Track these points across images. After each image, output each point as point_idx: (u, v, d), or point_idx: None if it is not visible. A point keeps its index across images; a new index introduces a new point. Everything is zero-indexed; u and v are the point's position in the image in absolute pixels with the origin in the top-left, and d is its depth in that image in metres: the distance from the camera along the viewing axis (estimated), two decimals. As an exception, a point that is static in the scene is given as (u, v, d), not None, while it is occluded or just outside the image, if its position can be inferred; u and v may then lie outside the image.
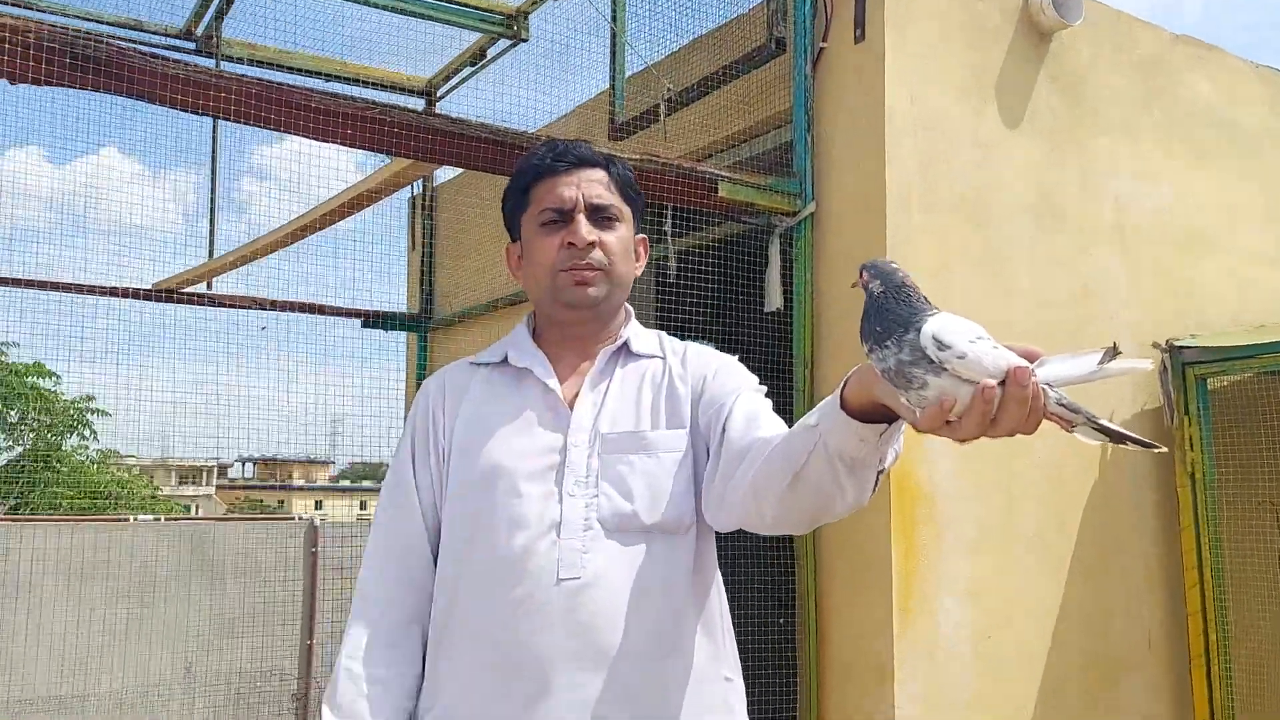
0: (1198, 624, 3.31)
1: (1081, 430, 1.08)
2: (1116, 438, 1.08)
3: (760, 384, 1.60)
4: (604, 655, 1.41)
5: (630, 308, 1.66)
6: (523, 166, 1.61)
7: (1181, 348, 3.39)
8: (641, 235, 1.66)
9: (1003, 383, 1.05)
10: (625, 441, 1.50)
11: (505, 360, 1.61)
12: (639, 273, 1.65)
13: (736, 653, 1.59)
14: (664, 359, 1.60)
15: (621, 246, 1.57)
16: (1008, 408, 1.05)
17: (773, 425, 1.45)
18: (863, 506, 1.32)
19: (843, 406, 1.21)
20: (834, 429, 1.22)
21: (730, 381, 1.55)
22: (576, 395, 1.54)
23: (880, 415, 1.19)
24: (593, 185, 1.55)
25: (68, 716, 6.29)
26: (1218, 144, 3.85)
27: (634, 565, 1.45)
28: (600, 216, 1.55)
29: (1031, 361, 1.07)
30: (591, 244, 1.53)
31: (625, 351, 1.60)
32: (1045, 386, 1.06)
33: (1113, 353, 1.03)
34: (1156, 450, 1.08)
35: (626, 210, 1.59)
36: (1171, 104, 3.74)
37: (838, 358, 3.10)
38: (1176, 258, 3.66)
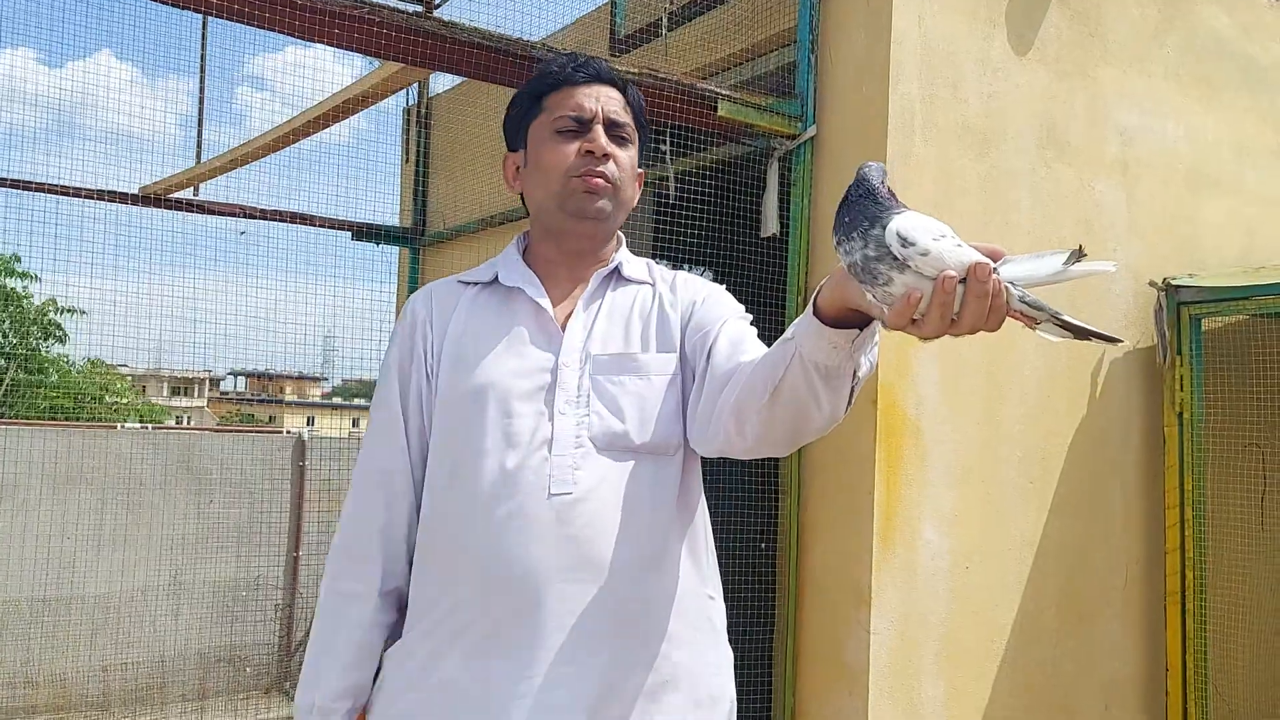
0: (1175, 562, 3.33)
1: (1045, 328, 1.09)
2: (1079, 333, 1.09)
3: (747, 313, 1.60)
4: (593, 569, 1.41)
5: (621, 235, 1.65)
6: (540, 74, 1.59)
7: (1178, 286, 3.36)
8: (641, 170, 1.65)
9: (964, 280, 1.05)
10: (616, 363, 1.50)
11: (495, 280, 1.60)
12: (634, 202, 1.64)
13: (718, 574, 1.61)
14: (653, 285, 1.61)
15: (631, 166, 1.57)
16: (969, 303, 1.06)
17: (756, 350, 1.45)
18: (838, 422, 1.33)
19: (816, 314, 1.21)
20: (808, 337, 1.23)
21: (717, 309, 1.56)
22: (569, 316, 1.54)
23: (853, 320, 1.20)
24: (610, 101, 1.56)
25: (53, 619, 6.35)
26: (1231, 80, 3.76)
27: (624, 483, 1.46)
28: (615, 134, 1.55)
29: (995, 260, 1.08)
30: (607, 155, 1.52)
31: (617, 275, 1.60)
32: (1009, 285, 1.07)
33: (1077, 255, 1.03)
34: (1118, 343, 1.09)
35: (637, 135, 1.60)
36: (1186, 36, 3.65)
37: (831, 285, 3.06)
38: (1181, 195, 3.60)
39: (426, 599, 1.49)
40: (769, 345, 1.45)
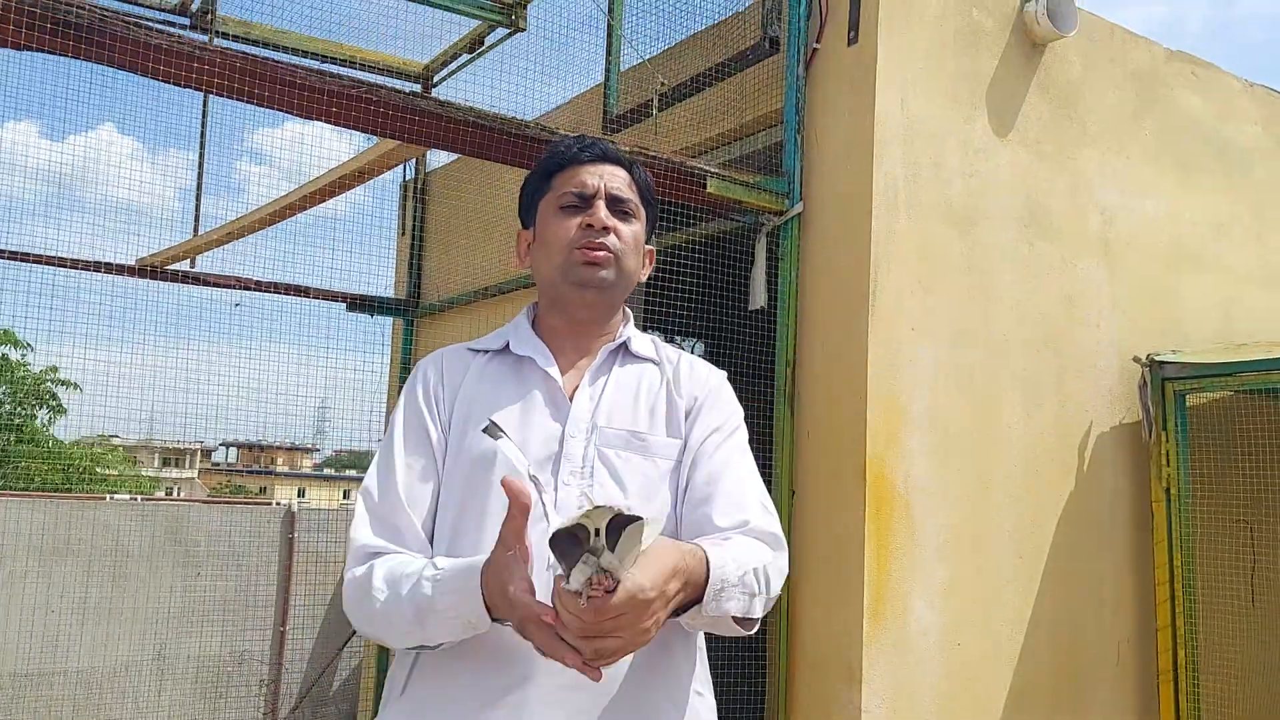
0: (1167, 639, 3.31)
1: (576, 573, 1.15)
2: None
3: (739, 407, 1.63)
4: None
5: (629, 310, 1.68)
6: (549, 153, 1.64)
7: (1162, 363, 3.39)
8: (650, 246, 1.69)
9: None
10: (622, 438, 1.51)
11: (505, 348, 1.62)
12: (643, 279, 1.67)
13: (708, 669, 1.60)
14: (659, 364, 1.63)
15: (634, 240, 1.60)
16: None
17: (723, 506, 1.48)
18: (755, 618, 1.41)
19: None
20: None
21: (713, 417, 1.58)
22: (576, 388, 1.55)
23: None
24: (614, 179, 1.60)
25: (35, 694, 6.24)
26: (1208, 161, 3.86)
27: None
28: (618, 209, 1.59)
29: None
30: (607, 229, 1.56)
31: (624, 351, 1.62)
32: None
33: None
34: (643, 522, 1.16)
35: (642, 212, 1.63)
36: (1163, 119, 3.75)
37: (820, 357, 3.10)
38: (1162, 273, 3.66)
39: (414, 668, 1.47)
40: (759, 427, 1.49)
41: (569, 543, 1.13)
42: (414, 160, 5.40)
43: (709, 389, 1.62)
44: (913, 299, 3.04)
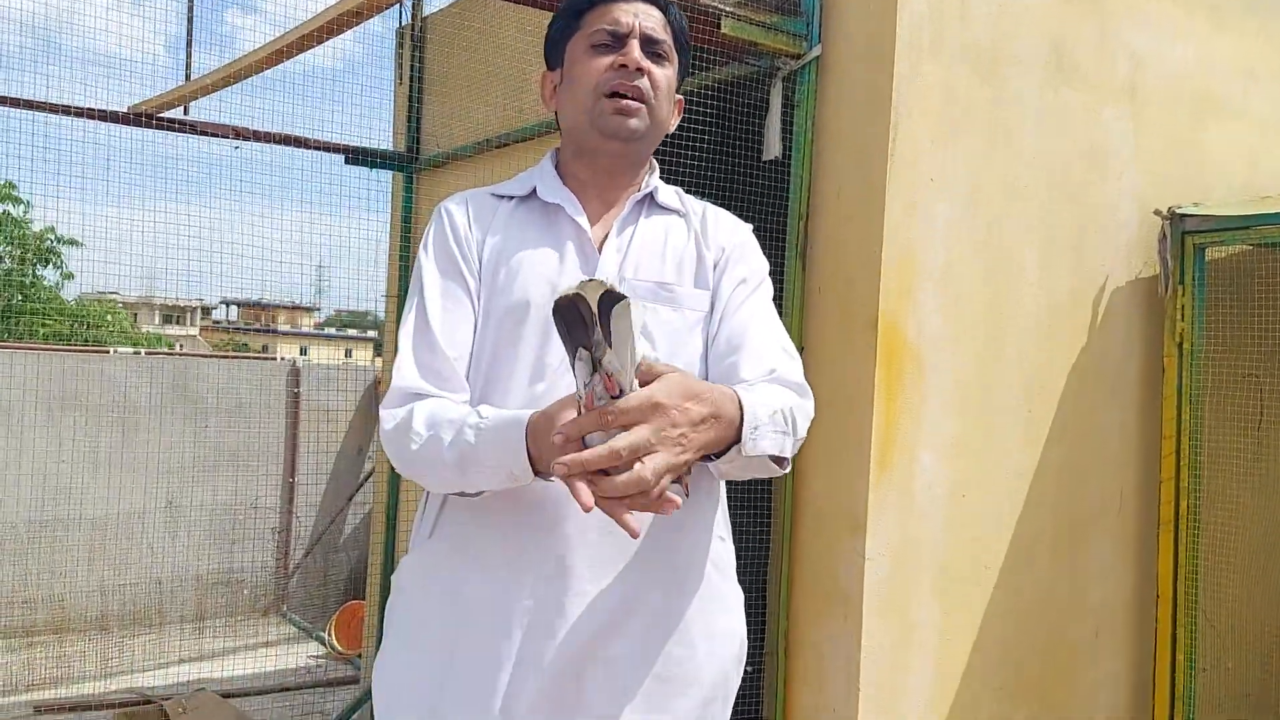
0: (1170, 490, 3.34)
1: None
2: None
3: (765, 260, 1.64)
4: None
5: (654, 161, 1.63)
6: None
7: (1183, 215, 3.32)
8: (679, 96, 1.62)
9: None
10: (651, 290, 1.49)
11: (532, 194, 1.56)
12: (672, 128, 1.61)
13: (728, 515, 1.63)
14: (685, 216, 1.59)
15: (667, 85, 1.54)
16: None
17: (749, 357, 1.47)
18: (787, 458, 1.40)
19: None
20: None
21: (740, 270, 1.56)
22: (604, 240, 1.52)
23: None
24: (649, 19, 1.53)
25: (50, 541, 6.39)
26: (1241, 2, 3.69)
27: None
28: (652, 50, 1.52)
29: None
30: (641, 70, 1.49)
31: (650, 201, 1.58)
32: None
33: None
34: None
35: (675, 56, 1.57)
36: (1200, -41, 3.56)
37: (833, 210, 3.02)
38: (1188, 122, 3.55)
39: (440, 519, 1.48)
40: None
41: (571, 316, 1.11)
42: (410, 3, 5.17)
43: (736, 242, 1.59)
44: (933, 148, 2.95)
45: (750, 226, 1.66)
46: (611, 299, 1.08)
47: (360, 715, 4.73)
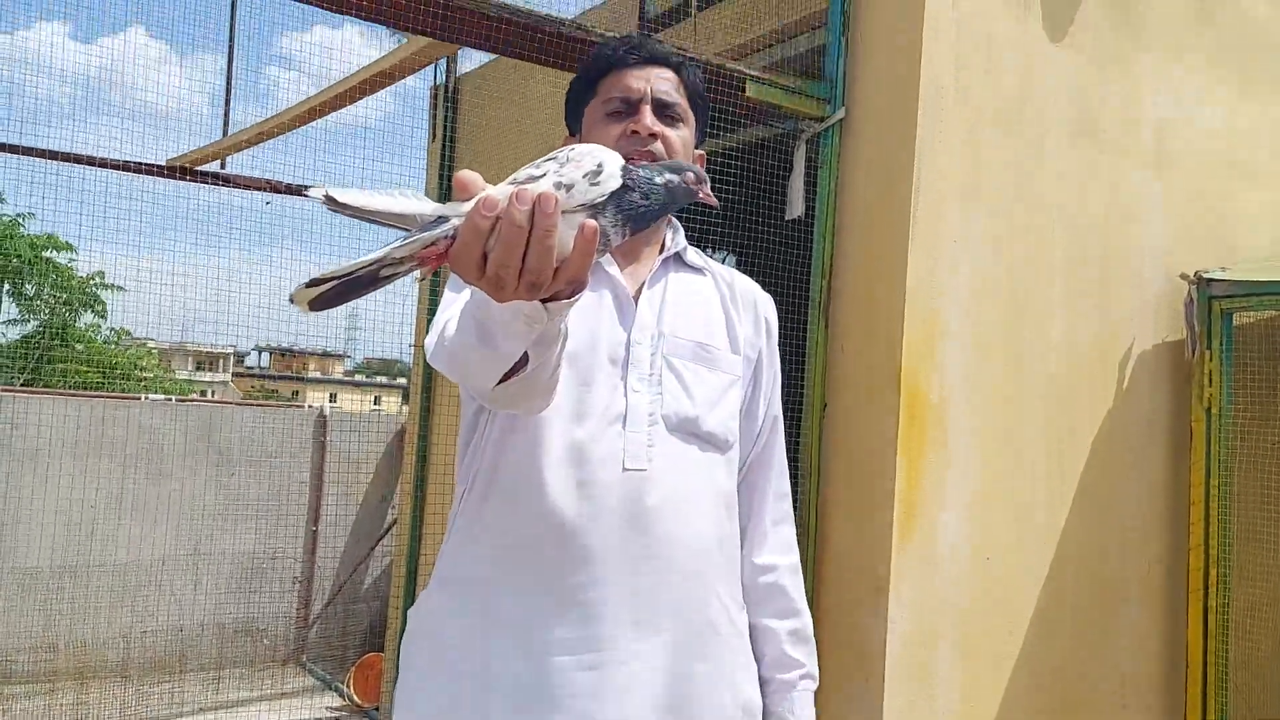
0: (1199, 558, 3.29)
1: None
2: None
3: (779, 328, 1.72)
4: (662, 547, 1.41)
5: (676, 221, 1.64)
6: (593, 57, 1.59)
7: (1210, 280, 3.30)
8: (700, 151, 1.64)
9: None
10: (690, 349, 1.51)
11: None
12: None
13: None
14: (712, 278, 1.62)
15: (683, 146, 1.55)
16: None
17: (772, 504, 1.64)
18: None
19: None
20: None
21: (775, 364, 1.66)
22: (637, 294, 1.53)
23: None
24: (662, 82, 1.55)
25: (75, 586, 6.42)
26: (1270, 69, 3.70)
27: (692, 465, 1.47)
28: (665, 113, 1.54)
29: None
30: (654, 135, 1.51)
31: (678, 259, 1.61)
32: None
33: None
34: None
35: (691, 116, 1.59)
36: (1224, 25, 3.58)
37: (858, 268, 3.03)
38: (1215, 186, 3.54)
39: (470, 561, 1.46)
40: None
41: (352, 286, 1.01)
42: (445, 63, 5.29)
43: (773, 328, 1.66)
44: (956, 208, 2.96)
45: (771, 303, 1.69)
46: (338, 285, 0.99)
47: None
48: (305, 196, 4.78)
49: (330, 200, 0.96)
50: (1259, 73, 3.66)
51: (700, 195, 1.20)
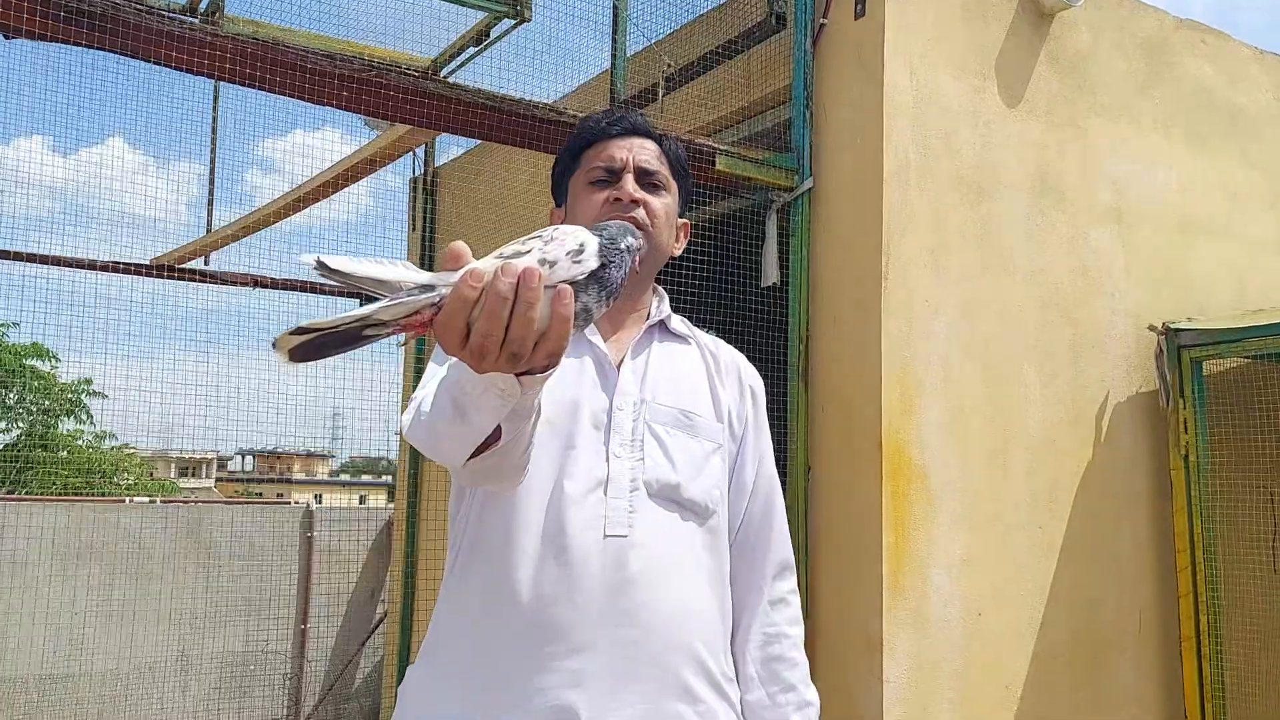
0: (1189, 606, 3.30)
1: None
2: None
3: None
4: (642, 614, 1.41)
5: (661, 289, 1.68)
6: (577, 129, 1.64)
7: (1178, 330, 3.38)
8: (684, 220, 1.67)
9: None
10: (672, 416, 1.52)
11: None
12: (677, 252, 1.66)
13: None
14: (698, 347, 1.65)
15: (665, 213, 1.59)
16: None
17: (776, 554, 1.63)
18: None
19: None
20: None
21: (765, 435, 1.66)
22: (620, 362, 1.55)
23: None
24: (643, 151, 1.58)
25: (60, 695, 6.28)
26: (1220, 129, 3.84)
27: (674, 532, 1.47)
28: (648, 181, 1.57)
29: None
30: (636, 202, 1.54)
31: (662, 327, 1.63)
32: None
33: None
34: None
35: (674, 184, 1.62)
36: (1173, 88, 3.73)
37: (833, 332, 3.10)
38: (1175, 242, 3.65)
39: (452, 632, 1.47)
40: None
41: (333, 341, 1.02)
42: (423, 153, 5.42)
43: (759, 397, 1.68)
44: (925, 271, 3.04)
45: (761, 384, 1.71)
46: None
47: None
48: (288, 289, 4.84)
49: (322, 265, 1.00)
50: (1208, 131, 3.80)
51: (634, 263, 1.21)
